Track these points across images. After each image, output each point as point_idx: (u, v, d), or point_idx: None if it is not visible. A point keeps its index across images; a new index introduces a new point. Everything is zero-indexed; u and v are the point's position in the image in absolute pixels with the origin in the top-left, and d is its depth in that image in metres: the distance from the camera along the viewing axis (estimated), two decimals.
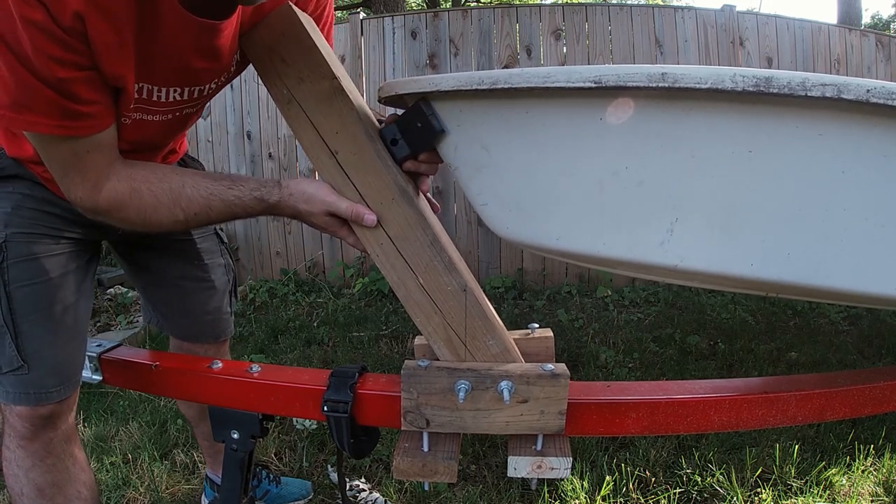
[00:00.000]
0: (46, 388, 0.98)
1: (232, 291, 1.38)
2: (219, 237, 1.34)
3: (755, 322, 2.97)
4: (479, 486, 1.61)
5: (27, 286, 0.96)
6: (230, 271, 1.36)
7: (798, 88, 0.59)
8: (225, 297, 1.34)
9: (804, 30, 3.73)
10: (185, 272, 1.27)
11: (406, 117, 0.83)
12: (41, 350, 0.97)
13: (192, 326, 1.32)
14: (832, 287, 0.69)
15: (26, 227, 0.98)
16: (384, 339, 2.84)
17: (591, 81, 0.65)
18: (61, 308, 1.00)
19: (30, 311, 0.97)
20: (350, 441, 0.94)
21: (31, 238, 0.98)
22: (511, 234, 0.82)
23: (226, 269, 1.34)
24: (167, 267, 1.26)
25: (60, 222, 1.01)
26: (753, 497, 1.57)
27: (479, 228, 3.62)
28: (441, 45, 3.60)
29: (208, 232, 1.30)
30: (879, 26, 17.72)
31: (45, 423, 1.00)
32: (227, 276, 1.34)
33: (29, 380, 0.97)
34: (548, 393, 0.84)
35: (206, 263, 1.29)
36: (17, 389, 0.97)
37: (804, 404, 0.90)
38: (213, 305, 1.32)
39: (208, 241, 1.30)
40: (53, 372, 0.99)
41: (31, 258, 0.97)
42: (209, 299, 1.31)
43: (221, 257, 1.33)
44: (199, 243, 1.28)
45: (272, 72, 0.86)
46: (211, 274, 1.30)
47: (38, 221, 0.99)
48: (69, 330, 1.01)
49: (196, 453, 1.80)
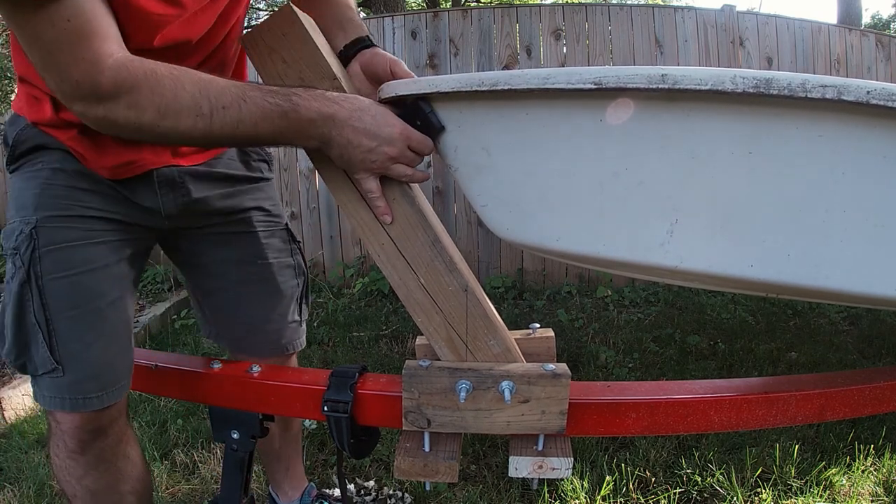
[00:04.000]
0: (85, 393, 0.88)
1: (302, 297, 1.17)
2: (289, 233, 1.15)
3: (755, 322, 2.97)
4: (479, 486, 1.61)
5: (62, 278, 0.85)
6: (300, 274, 1.16)
7: (798, 90, 0.59)
8: (292, 304, 1.14)
9: (804, 30, 3.73)
10: (243, 273, 1.08)
11: (404, 116, 0.83)
12: (79, 352, 0.87)
13: (249, 337, 1.12)
14: (832, 288, 0.69)
15: (59, 210, 0.86)
16: (384, 339, 2.84)
17: (591, 83, 0.65)
18: (102, 304, 0.88)
19: (65, 307, 0.86)
20: (350, 441, 0.94)
21: (65, 222, 0.86)
22: (511, 235, 0.82)
23: (295, 271, 1.15)
24: (221, 265, 1.08)
25: (97, 200, 0.89)
26: (753, 497, 1.57)
27: (479, 228, 3.62)
28: (441, 45, 3.60)
29: (277, 226, 1.12)
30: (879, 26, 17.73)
31: (94, 435, 0.93)
32: (296, 280, 1.15)
33: (65, 383, 0.87)
34: (549, 393, 0.84)
35: (271, 262, 1.10)
36: (54, 394, 0.88)
37: (804, 404, 0.90)
38: (278, 313, 1.12)
39: (276, 236, 1.11)
40: (92, 376, 0.88)
41: (67, 246, 0.86)
42: (273, 306, 1.11)
43: (291, 257, 1.14)
44: (264, 238, 1.09)
45: (273, 72, 0.86)
46: (276, 276, 1.10)
47: (72, 201, 0.87)
48: (111, 330, 0.90)
49: (196, 453, 1.81)
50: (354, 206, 0.88)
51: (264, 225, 1.10)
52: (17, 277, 0.86)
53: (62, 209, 0.87)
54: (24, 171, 0.90)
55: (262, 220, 1.10)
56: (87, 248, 0.88)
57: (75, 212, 0.88)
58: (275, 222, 1.13)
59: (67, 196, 0.87)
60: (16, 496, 1.63)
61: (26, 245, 0.85)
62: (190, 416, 2.05)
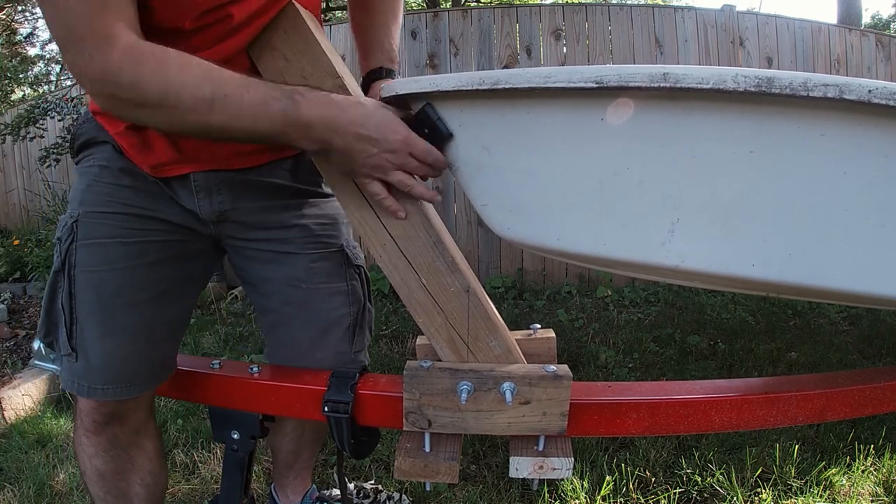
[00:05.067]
0: (94, 383, 0.91)
1: (356, 326, 1.06)
2: (346, 256, 1.05)
3: (755, 322, 2.97)
4: (479, 487, 1.61)
5: (91, 272, 0.89)
6: (354, 302, 1.06)
7: (800, 89, 0.59)
8: (341, 333, 1.05)
9: (804, 30, 3.73)
10: (287, 296, 1.02)
11: (412, 124, 0.83)
12: (90, 343, 0.90)
13: (293, 363, 1.05)
14: (833, 287, 0.69)
15: (100, 206, 0.90)
16: (384, 339, 2.84)
17: (592, 81, 0.65)
18: (118, 303, 0.90)
19: (88, 300, 0.89)
20: (350, 441, 0.94)
21: (103, 218, 0.90)
22: (512, 235, 0.81)
23: (349, 298, 1.05)
24: (267, 283, 1.03)
25: (140, 197, 0.91)
26: (753, 497, 1.57)
27: (480, 228, 3.62)
28: (441, 45, 3.60)
29: (328, 248, 1.03)
30: (879, 26, 17.73)
31: (109, 419, 0.96)
32: (348, 308, 1.05)
33: (77, 369, 0.92)
34: (550, 394, 0.84)
35: (318, 288, 1.01)
36: (69, 376, 0.93)
37: (804, 404, 0.90)
38: (324, 342, 1.04)
39: (326, 259, 1.03)
40: (102, 369, 0.91)
41: (101, 242, 0.89)
42: (319, 334, 1.03)
43: (345, 282, 1.04)
44: (311, 261, 1.01)
45: (275, 70, 0.86)
46: (323, 303, 1.02)
47: (113, 198, 0.90)
48: (125, 329, 0.91)
49: (196, 453, 1.81)
50: (356, 207, 0.88)
51: (313, 246, 1.02)
52: (55, 264, 0.92)
53: (103, 205, 0.91)
54: (80, 167, 0.96)
55: (310, 241, 1.02)
56: (117, 247, 0.91)
57: (114, 209, 0.91)
58: (326, 244, 1.03)
59: (109, 193, 0.91)
60: (16, 496, 1.63)
61: (67, 236, 0.90)
62: (190, 416, 2.05)
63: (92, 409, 0.96)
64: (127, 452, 1.01)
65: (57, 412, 2.16)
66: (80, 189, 0.92)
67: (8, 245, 4.44)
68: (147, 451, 1.05)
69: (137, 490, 1.05)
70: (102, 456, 1.00)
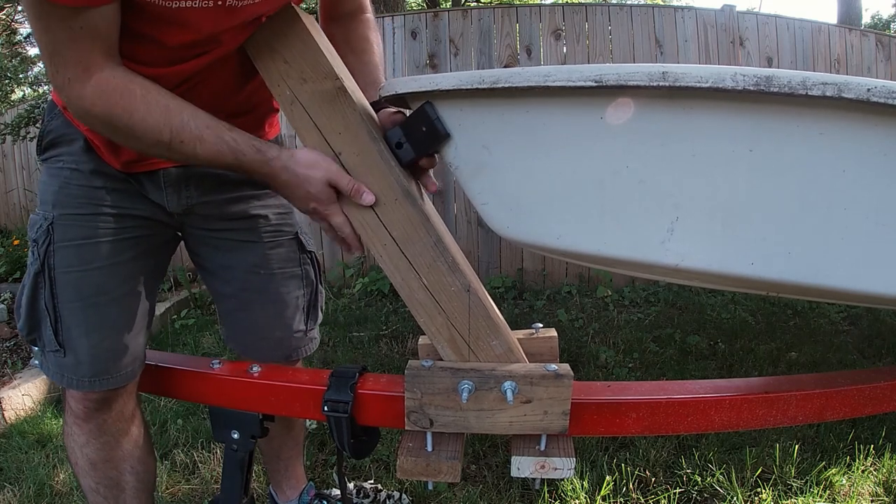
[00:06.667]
0: (81, 376, 0.96)
1: (310, 307, 1.19)
2: (299, 243, 1.16)
3: (755, 322, 2.97)
4: (479, 486, 1.61)
5: (71, 273, 0.93)
6: (308, 284, 1.18)
7: (799, 87, 0.59)
8: (297, 313, 1.16)
9: (804, 30, 3.73)
10: (246, 281, 1.11)
11: (410, 120, 0.83)
12: (77, 339, 0.95)
13: (254, 344, 1.16)
14: (833, 286, 0.69)
15: (74, 208, 0.94)
16: (384, 339, 2.84)
17: (591, 80, 0.65)
18: (103, 300, 0.95)
19: (70, 299, 0.94)
20: (350, 441, 0.94)
21: (78, 220, 0.94)
22: (512, 234, 0.82)
23: (303, 281, 1.16)
24: (227, 271, 1.11)
25: (112, 197, 0.96)
26: (753, 497, 1.57)
27: (480, 228, 3.62)
28: (441, 45, 3.60)
29: (284, 235, 1.14)
30: (879, 26, 17.73)
31: (98, 406, 1.00)
32: (302, 290, 1.16)
33: (65, 364, 0.96)
34: (551, 393, 0.84)
35: (275, 273, 1.11)
36: (57, 370, 0.98)
37: (804, 404, 0.90)
38: (282, 322, 1.14)
39: (282, 246, 1.13)
40: (88, 362, 0.96)
41: (77, 243, 0.93)
42: (276, 315, 1.13)
43: (299, 267, 1.16)
44: (269, 248, 1.11)
45: (275, 72, 0.86)
46: (280, 286, 1.12)
47: (87, 200, 0.94)
48: (110, 323, 0.96)
49: (196, 453, 1.81)
50: (357, 206, 0.88)
51: (270, 234, 1.12)
52: (33, 266, 0.95)
53: (77, 207, 0.94)
54: (49, 166, 0.98)
55: (268, 230, 1.11)
56: (98, 246, 0.95)
57: (89, 210, 0.94)
58: (282, 231, 1.13)
59: (83, 195, 0.94)
60: (16, 496, 1.63)
61: (43, 239, 0.94)
62: (190, 416, 2.05)
63: (79, 396, 1.00)
64: (116, 439, 1.04)
65: (57, 412, 2.16)
66: (53, 191, 0.95)
67: (8, 245, 4.44)
68: (135, 438, 1.08)
69: (128, 478, 1.07)
70: (93, 444, 1.03)
